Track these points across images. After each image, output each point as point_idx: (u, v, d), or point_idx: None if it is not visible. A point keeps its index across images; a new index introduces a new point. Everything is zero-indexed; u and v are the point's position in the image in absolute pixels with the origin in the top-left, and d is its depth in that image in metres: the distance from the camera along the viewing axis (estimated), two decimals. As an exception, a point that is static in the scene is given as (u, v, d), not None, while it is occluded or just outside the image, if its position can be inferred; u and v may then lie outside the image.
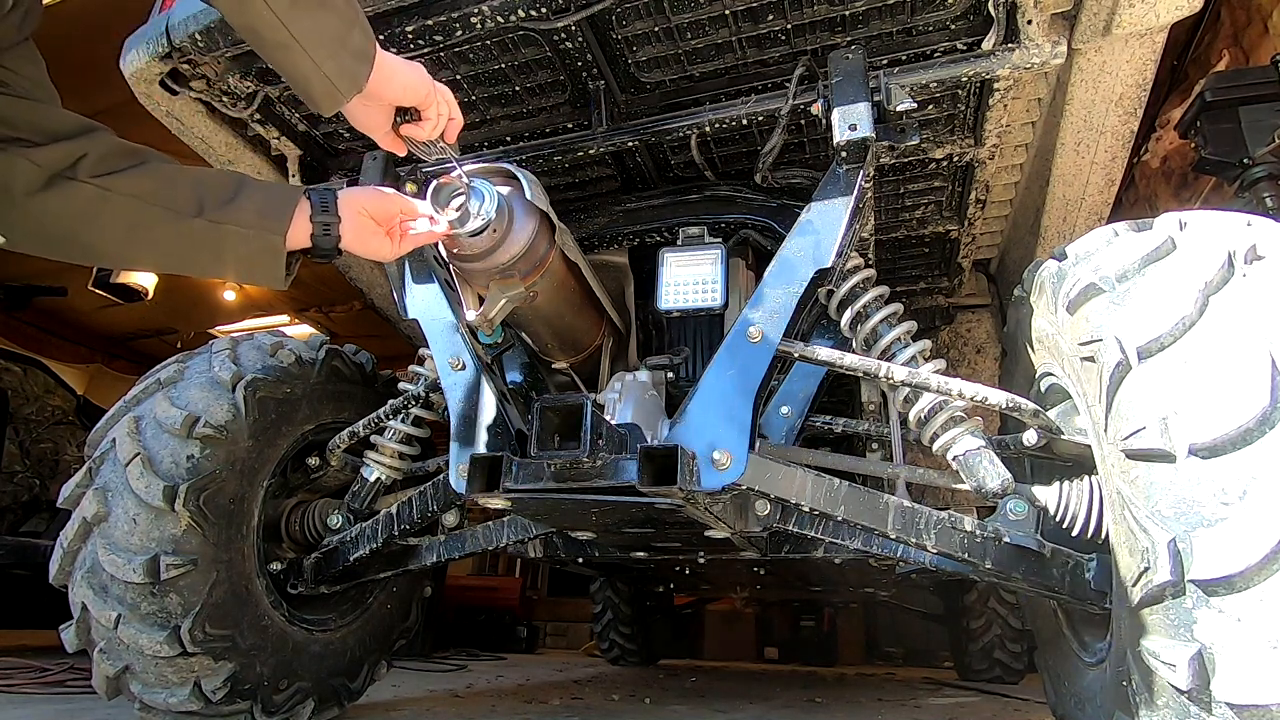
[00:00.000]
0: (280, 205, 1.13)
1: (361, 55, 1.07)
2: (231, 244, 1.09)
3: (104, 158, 1.00)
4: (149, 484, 1.59)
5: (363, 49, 1.08)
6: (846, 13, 1.54)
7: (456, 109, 1.31)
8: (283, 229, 1.12)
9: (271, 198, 1.14)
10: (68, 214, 1.00)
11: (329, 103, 1.08)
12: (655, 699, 2.92)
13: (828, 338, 1.93)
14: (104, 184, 1.00)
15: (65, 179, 0.98)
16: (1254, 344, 0.91)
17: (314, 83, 1.03)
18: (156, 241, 1.06)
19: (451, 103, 1.29)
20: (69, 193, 0.98)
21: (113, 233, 1.03)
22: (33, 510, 3.99)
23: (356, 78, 1.07)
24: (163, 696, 1.62)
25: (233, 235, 1.09)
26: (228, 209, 1.08)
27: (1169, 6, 1.40)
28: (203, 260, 1.11)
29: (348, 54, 1.04)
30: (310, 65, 1.01)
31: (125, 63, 1.77)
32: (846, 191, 1.47)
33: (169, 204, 1.04)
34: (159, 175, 1.05)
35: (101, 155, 1.00)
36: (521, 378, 2.17)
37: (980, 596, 3.76)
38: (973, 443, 1.42)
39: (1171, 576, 0.89)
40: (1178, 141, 3.53)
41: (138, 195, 1.02)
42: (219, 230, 1.07)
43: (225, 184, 1.11)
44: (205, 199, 1.06)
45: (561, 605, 7.78)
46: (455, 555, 1.89)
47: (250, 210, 1.10)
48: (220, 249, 1.09)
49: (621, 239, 2.04)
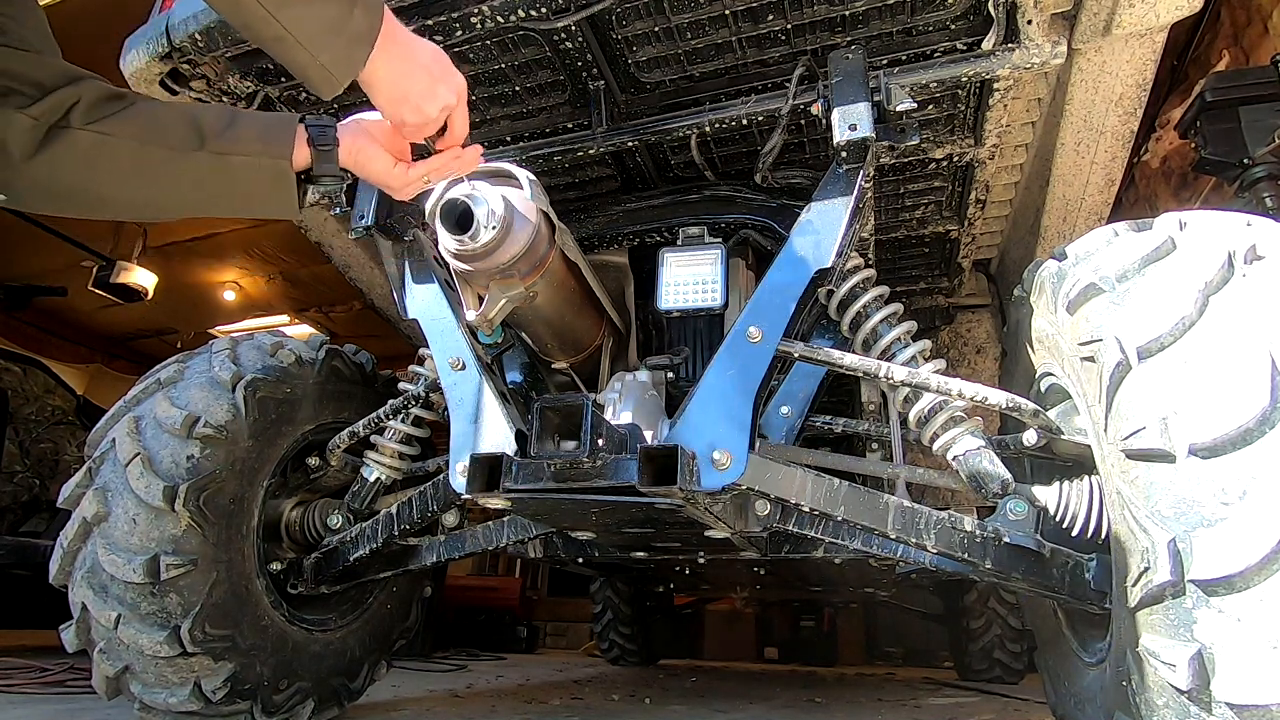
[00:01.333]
0: (280, 130, 1.11)
1: (358, 39, 1.02)
2: (240, 174, 1.08)
3: (95, 103, 0.99)
4: (149, 484, 1.59)
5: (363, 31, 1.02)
6: (846, 13, 1.54)
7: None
8: (287, 153, 1.10)
9: (270, 124, 1.12)
10: (69, 164, 0.99)
11: (327, 89, 1.04)
12: (655, 699, 2.92)
13: (828, 338, 1.93)
14: (99, 129, 0.99)
15: (60, 129, 0.97)
16: (1254, 344, 0.91)
17: (311, 71, 1.01)
18: (163, 181, 1.05)
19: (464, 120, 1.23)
20: (67, 142, 0.97)
21: (117, 177, 1.02)
22: (33, 510, 3.99)
23: (353, 63, 1.03)
24: (163, 696, 1.62)
25: (239, 164, 1.07)
26: (227, 139, 1.06)
27: (1169, 6, 1.40)
28: (214, 194, 1.09)
29: (343, 40, 1.00)
30: (306, 56, 0.99)
31: (125, 63, 1.77)
32: (846, 191, 1.47)
33: (167, 141, 1.03)
34: (150, 114, 1.04)
35: (92, 101, 0.99)
36: (521, 378, 2.17)
37: (980, 596, 3.76)
38: (973, 443, 1.42)
39: (1171, 576, 0.89)
40: (1178, 141, 3.53)
41: (134, 136, 1.01)
42: (224, 161, 1.06)
43: (220, 115, 1.09)
44: (204, 131, 1.05)
45: (561, 605, 7.78)
46: (455, 555, 1.89)
47: (251, 138, 1.08)
48: (230, 180, 1.08)
49: (621, 239, 2.04)
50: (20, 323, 6.45)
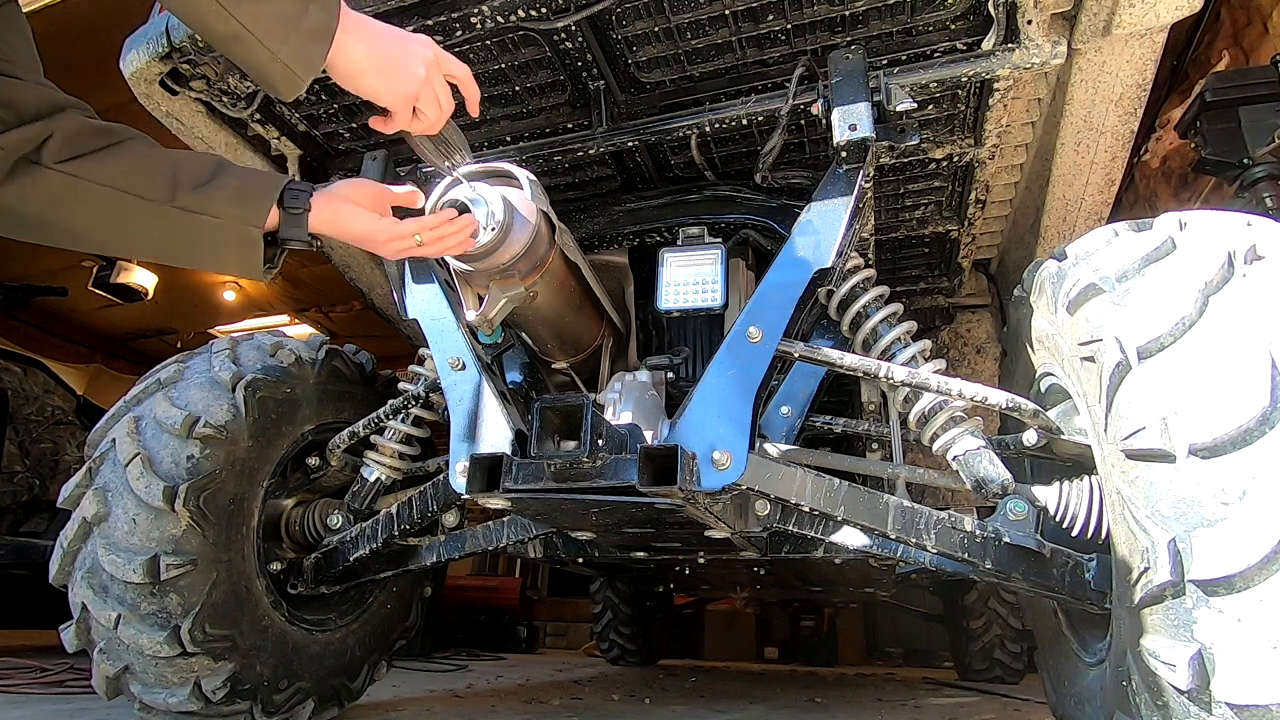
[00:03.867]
0: (257, 194, 1.09)
1: (315, 34, 0.98)
2: (207, 234, 1.05)
3: (70, 139, 0.96)
4: (149, 484, 1.59)
5: (319, 26, 0.98)
6: (846, 13, 1.54)
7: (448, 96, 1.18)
8: (259, 220, 1.08)
9: (249, 186, 1.09)
10: (37, 200, 0.96)
11: (288, 89, 1.00)
12: (655, 699, 2.92)
13: (828, 338, 1.93)
14: (70, 170, 0.96)
15: (30, 163, 0.94)
16: (1254, 344, 0.91)
17: (272, 70, 0.97)
18: (131, 229, 1.03)
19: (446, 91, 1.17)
20: (36, 178, 0.95)
21: (86, 219, 1.00)
22: (33, 510, 3.99)
23: (313, 59, 0.99)
24: (163, 696, 1.62)
25: (207, 224, 1.05)
26: (201, 196, 1.04)
27: (1169, 6, 1.40)
28: (179, 249, 1.07)
29: (300, 36, 0.96)
30: (266, 54, 0.95)
31: (125, 63, 1.77)
32: (846, 191, 1.47)
33: (140, 190, 1.00)
34: (131, 158, 1.01)
35: (68, 137, 0.96)
36: (521, 378, 2.17)
37: (980, 596, 3.76)
38: (973, 443, 1.42)
39: (1171, 576, 0.89)
40: (1178, 141, 3.53)
41: (107, 182, 0.98)
42: (192, 219, 1.03)
43: (201, 169, 1.06)
44: (179, 184, 1.03)
45: (561, 605, 7.77)
46: (455, 555, 1.89)
47: (224, 198, 1.06)
48: (196, 238, 1.05)
49: (621, 239, 2.04)
50: (20, 323, 6.45)
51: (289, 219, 1.12)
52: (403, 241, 1.24)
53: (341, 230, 1.18)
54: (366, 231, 1.20)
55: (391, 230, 1.22)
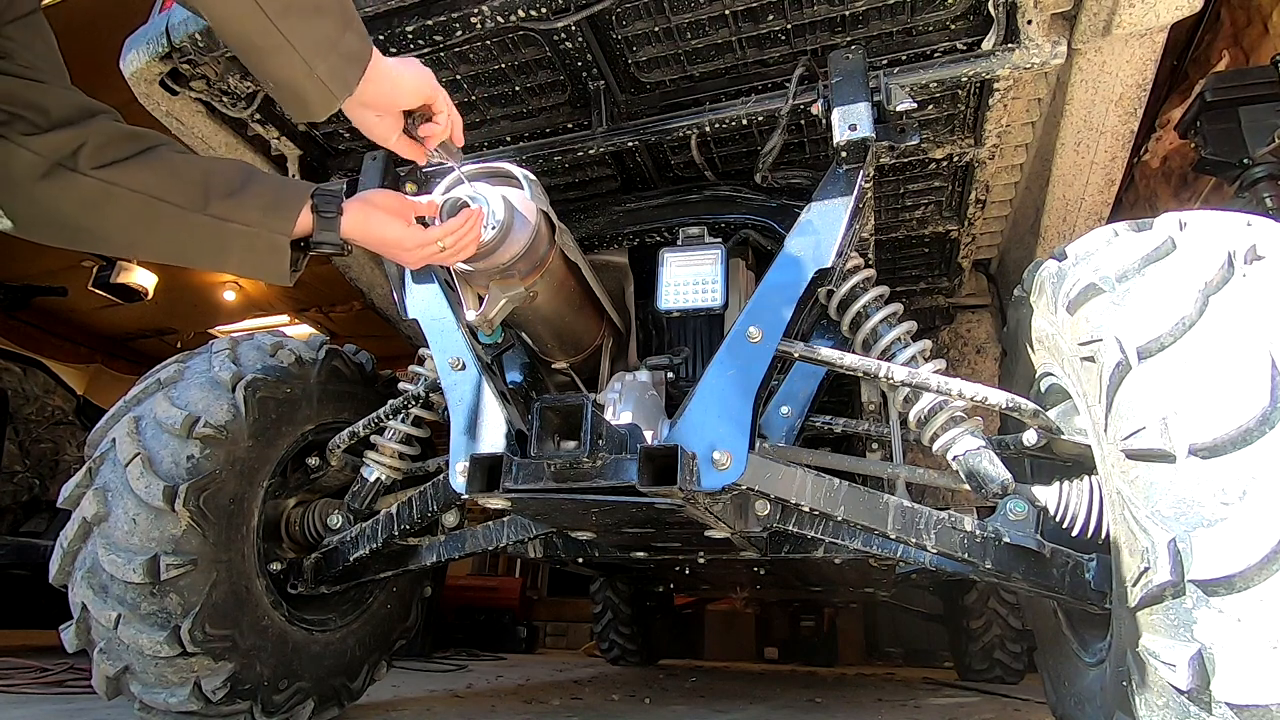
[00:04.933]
0: (287, 202, 1.11)
1: (354, 58, 1.04)
2: (237, 241, 1.08)
3: (104, 146, 0.98)
4: (149, 484, 1.59)
5: (356, 51, 1.04)
6: (846, 13, 1.54)
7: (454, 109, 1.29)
8: (287, 229, 1.10)
9: (280, 194, 1.12)
10: (70, 204, 0.98)
11: (323, 107, 1.04)
12: (655, 699, 2.92)
13: (828, 338, 1.93)
14: (105, 176, 0.98)
15: (66, 169, 0.96)
16: (1254, 344, 0.91)
17: (307, 87, 1.00)
18: (161, 234, 1.05)
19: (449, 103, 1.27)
20: (70, 183, 0.96)
21: (117, 224, 1.02)
22: (33, 510, 3.99)
23: (348, 80, 1.04)
24: (163, 696, 1.62)
25: (237, 231, 1.07)
26: (232, 204, 1.06)
27: (1169, 6, 1.40)
28: (208, 255, 1.09)
29: (339, 56, 1.01)
30: (304, 69, 0.98)
31: (125, 63, 1.77)
32: (846, 191, 1.47)
33: (172, 198, 1.02)
34: (164, 166, 1.03)
35: (101, 144, 0.98)
36: (521, 378, 2.17)
37: (980, 596, 3.76)
38: (973, 443, 1.42)
39: (1171, 576, 0.89)
40: (1178, 141, 3.53)
41: (141, 188, 1.00)
42: (223, 227, 1.06)
43: (232, 176, 1.09)
44: (211, 192, 1.05)
45: (561, 605, 7.77)
46: (455, 555, 1.89)
47: (254, 206, 1.08)
48: (225, 245, 1.08)
49: (621, 239, 2.04)
50: (20, 323, 6.45)
51: (322, 223, 1.14)
52: (429, 248, 1.27)
53: (371, 236, 1.20)
54: (396, 238, 1.23)
55: (419, 237, 1.25)
